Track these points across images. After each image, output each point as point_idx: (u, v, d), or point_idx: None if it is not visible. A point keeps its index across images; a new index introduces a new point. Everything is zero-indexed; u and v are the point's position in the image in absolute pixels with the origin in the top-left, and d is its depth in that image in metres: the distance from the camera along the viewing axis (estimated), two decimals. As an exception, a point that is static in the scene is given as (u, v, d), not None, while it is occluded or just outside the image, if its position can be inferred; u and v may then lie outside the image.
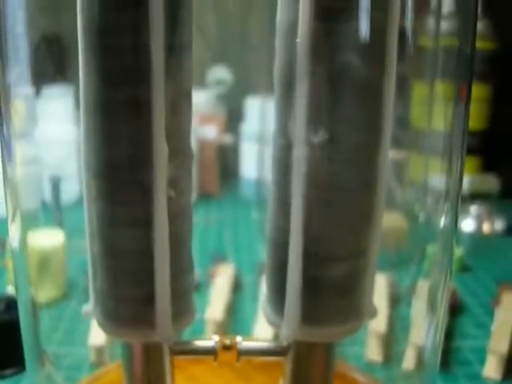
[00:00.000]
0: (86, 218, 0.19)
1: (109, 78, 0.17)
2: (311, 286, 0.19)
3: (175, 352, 0.20)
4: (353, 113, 0.18)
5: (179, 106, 0.18)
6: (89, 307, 0.20)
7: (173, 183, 0.18)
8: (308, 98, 0.17)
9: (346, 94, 0.18)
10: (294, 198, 0.18)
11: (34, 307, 0.25)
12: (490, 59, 0.56)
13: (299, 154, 0.18)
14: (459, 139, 0.22)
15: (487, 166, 0.58)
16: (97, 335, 0.32)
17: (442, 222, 0.23)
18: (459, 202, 0.23)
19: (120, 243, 0.19)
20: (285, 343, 0.20)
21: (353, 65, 0.17)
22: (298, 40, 0.17)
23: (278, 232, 0.20)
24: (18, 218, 0.23)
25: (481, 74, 0.56)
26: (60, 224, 0.34)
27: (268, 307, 0.21)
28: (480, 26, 0.55)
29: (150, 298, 0.19)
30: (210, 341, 0.21)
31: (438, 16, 0.23)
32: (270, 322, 0.21)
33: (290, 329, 0.19)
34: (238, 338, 0.21)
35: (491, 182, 0.55)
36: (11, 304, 0.33)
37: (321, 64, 0.17)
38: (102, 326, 0.20)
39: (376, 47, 0.18)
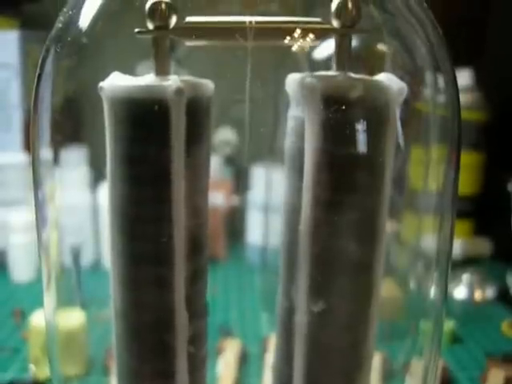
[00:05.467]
0: (116, 363, 0.22)
1: (134, 261, 0.20)
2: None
3: None
4: (347, 287, 0.21)
5: (196, 280, 0.21)
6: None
7: (192, 340, 0.22)
8: (308, 276, 0.20)
9: (341, 272, 0.21)
10: (295, 356, 0.21)
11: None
12: (482, 129, 0.59)
13: (300, 319, 0.21)
14: (450, 202, 0.24)
15: (479, 230, 0.61)
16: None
17: (432, 293, 0.25)
18: (449, 271, 0.25)
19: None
20: None
21: (348, 248, 0.20)
22: (300, 227, 0.20)
23: (281, 375, 0.23)
24: (52, 286, 0.24)
25: (474, 143, 0.59)
26: (82, 302, 0.35)
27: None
28: (472, 98, 0.58)
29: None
30: None
31: (434, 91, 0.24)
32: None
33: None
34: None
35: (483, 246, 0.58)
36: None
37: (320, 248, 0.20)
38: None
39: (368, 231, 0.20)
